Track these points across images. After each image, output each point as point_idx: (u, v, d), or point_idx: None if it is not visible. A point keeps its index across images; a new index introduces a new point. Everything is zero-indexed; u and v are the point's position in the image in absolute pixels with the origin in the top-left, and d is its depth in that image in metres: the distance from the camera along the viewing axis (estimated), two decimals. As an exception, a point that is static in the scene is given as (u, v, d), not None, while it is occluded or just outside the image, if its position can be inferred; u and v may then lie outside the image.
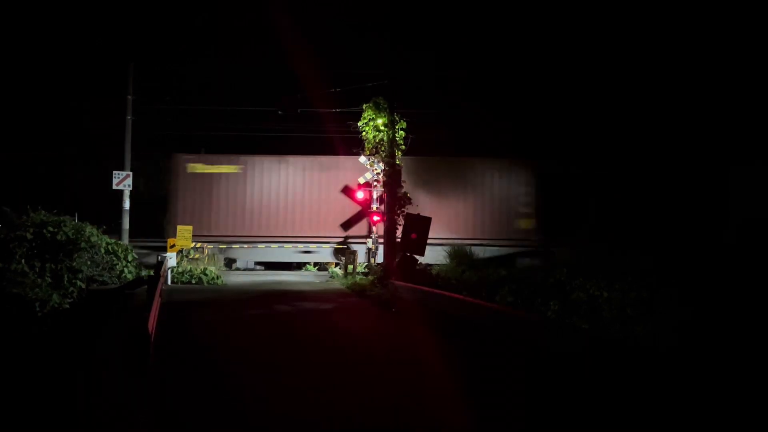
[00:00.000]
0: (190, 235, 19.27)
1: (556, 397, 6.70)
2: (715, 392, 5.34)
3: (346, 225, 23.24)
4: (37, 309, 12.45)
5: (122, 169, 21.05)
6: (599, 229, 20.19)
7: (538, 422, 6.07)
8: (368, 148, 20.18)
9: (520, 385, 7.13)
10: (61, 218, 16.48)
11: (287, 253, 23.13)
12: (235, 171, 22.51)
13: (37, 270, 14.54)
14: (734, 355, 6.97)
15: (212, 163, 22.54)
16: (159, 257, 17.76)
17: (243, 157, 22.94)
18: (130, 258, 17.78)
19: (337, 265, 22.45)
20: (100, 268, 16.46)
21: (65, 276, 14.95)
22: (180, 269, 18.80)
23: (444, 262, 19.75)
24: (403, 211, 18.74)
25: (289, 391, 7.05)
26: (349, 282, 18.58)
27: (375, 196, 21.47)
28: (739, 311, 8.21)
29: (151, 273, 16.57)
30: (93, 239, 16.51)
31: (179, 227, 19.54)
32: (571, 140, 24.17)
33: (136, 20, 23.86)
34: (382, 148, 19.48)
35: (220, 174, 22.50)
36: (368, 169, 21.47)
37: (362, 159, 21.09)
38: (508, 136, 25.06)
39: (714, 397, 5.28)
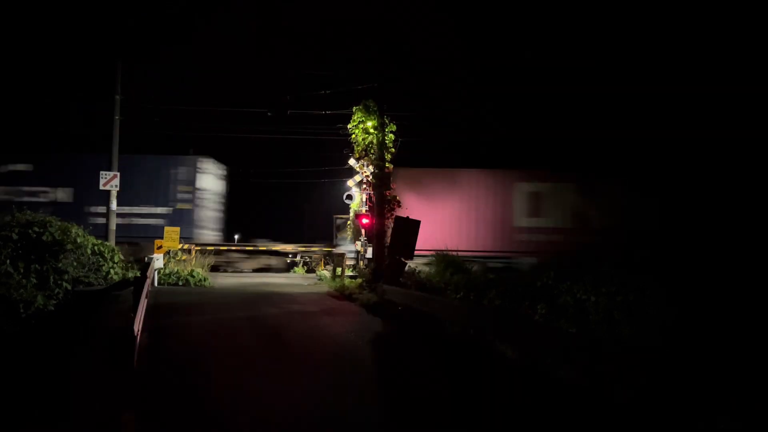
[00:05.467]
0: (178, 236, 19.15)
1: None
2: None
3: (335, 227, 23.26)
4: (21, 310, 12.30)
5: (109, 169, 20.88)
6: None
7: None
8: (358, 150, 20.18)
9: (510, 391, 7.15)
10: (47, 218, 16.33)
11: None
12: None
13: (22, 271, 14.37)
14: (717, 352, 7.03)
15: None
16: (146, 258, 17.65)
17: None
18: (116, 259, 17.64)
19: (325, 267, 22.42)
20: (87, 269, 16.32)
21: (51, 277, 14.78)
22: (167, 271, 18.68)
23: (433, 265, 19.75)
24: (392, 214, 18.76)
25: (274, 395, 7.01)
26: (337, 285, 18.54)
27: (364, 199, 21.47)
28: (724, 310, 8.29)
29: (138, 274, 16.43)
30: (79, 240, 16.36)
31: (166, 228, 19.41)
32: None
33: (124, 21, 23.74)
34: (372, 151, 19.49)
35: None
36: (358, 172, 21.49)
37: (352, 161, 21.09)
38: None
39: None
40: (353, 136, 20.01)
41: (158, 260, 18.08)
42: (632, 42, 21.91)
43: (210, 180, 23.94)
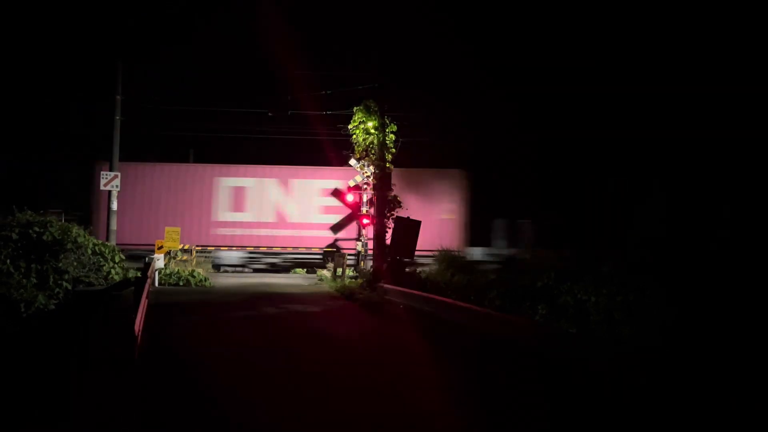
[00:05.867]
0: (178, 236, 19.15)
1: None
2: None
3: (336, 228, 23.26)
4: (22, 310, 12.32)
5: (111, 170, 20.88)
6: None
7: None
8: (358, 151, 20.18)
9: (513, 391, 7.14)
10: (48, 218, 16.34)
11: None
12: None
13: (23, 270, 14.38)
14: (716, 352, 7.04)
15: None
16: (146, 258, 17.65)
17: None
18: (117, 259, 17.64)
19: (326, 267, 22.42)
20: (87, 269, 16.31)
21: (51, 277, 14.80)
22: (168, 271, 18.68)
23: (432, 265, 19.74)
24: (393, 215, 18.76)
25: (273, 395, 7.01)
26: (338, 285, 18.53)
27: (365, 199, 21.47)
28: (722, 310, 8.30)
29: (138, 274, 16.44)
30: (80, 240, 16.36)
31: (167, 228, 19.43)
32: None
33: (124, 21, 23.76)
34: (372, 151, 19.49)
35: None
36: (358, 172, 21.49)
37: (352, 162, 21.09)
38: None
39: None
40: (354, 136, 20.00)
41: (159, 260, 18.09)
42: (631, 42, 21.91)
43: None
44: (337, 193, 23.15)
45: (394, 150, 19.74)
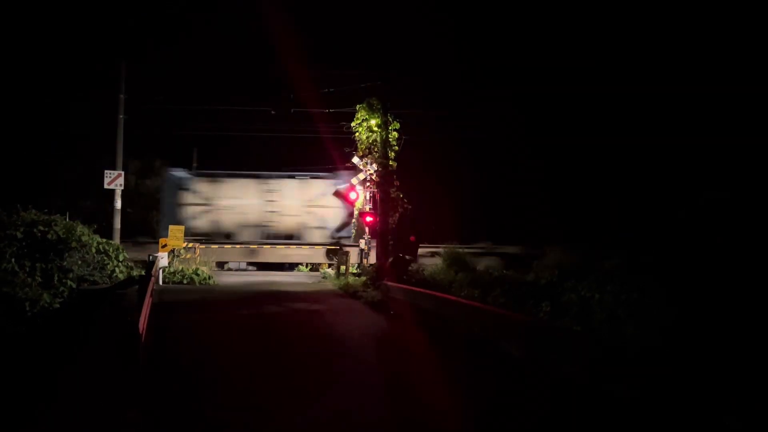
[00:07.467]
0: (182, 234, 19.17)
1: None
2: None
3: (339, 226, 23.26)
4: (27, 309, 12.37)
5: (114, 168, 20.93)
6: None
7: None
8: (361, 148, 20.18)
9: (515, 389, 7.15)
10: (52, 217, 16.39)
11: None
12: None
13: (27, 269, 14.45)
14: (715, 352, 7.04)
15: None
16: (150, 257, 17.67)
17: None
18: (121, 258, 17.69)
19: (329, 265, 22.42)
20: (91, 267, 16.37)
21: (56, 275, 14.87)
22: (171, 269, 18.71)
23: (435, 263, 19.76)
24: (396, 212, 18.78)
25: (277, 394, 7.03)
26: (342, 283, 18.54)
27: (368, 197, 21.47)
28: (720, 310, 8.29)
29: (143, 273, 16.48)
30: (84, 239, 16.42)
31: (171, 227, 19.45)
32: None
33: (127, 20, 23.82)
34: (376, 149, 19.50)
35: None
36: (361, 170, 21.49)
37: (355, 159, 21.09)
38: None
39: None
40: (357, 134, 20.01)
41: (163, 259, 18.10)
42: (631, 42, 21.84)
43: None
44: (338, 192, 23.15)
45: (397, 148, 19.74)
